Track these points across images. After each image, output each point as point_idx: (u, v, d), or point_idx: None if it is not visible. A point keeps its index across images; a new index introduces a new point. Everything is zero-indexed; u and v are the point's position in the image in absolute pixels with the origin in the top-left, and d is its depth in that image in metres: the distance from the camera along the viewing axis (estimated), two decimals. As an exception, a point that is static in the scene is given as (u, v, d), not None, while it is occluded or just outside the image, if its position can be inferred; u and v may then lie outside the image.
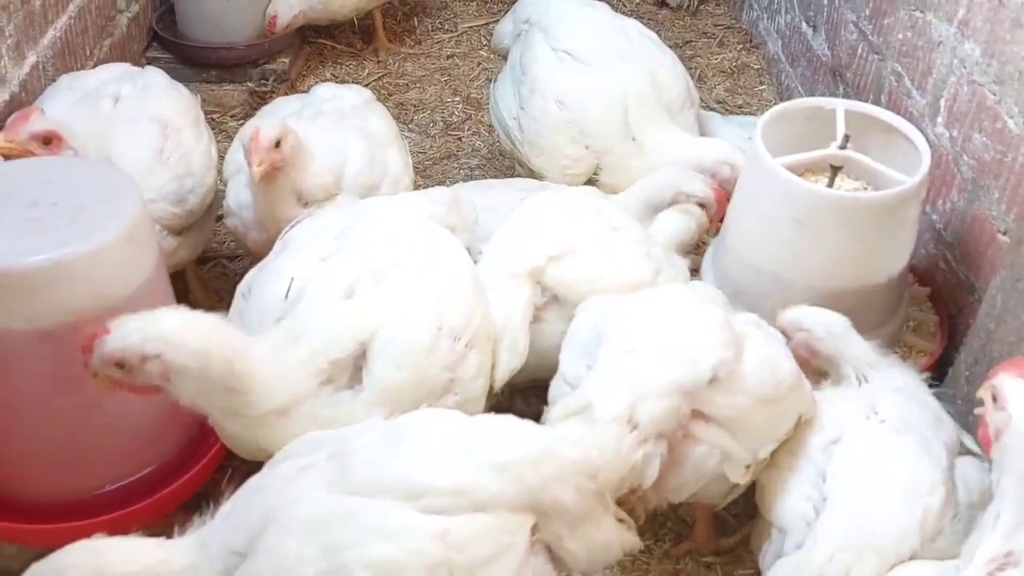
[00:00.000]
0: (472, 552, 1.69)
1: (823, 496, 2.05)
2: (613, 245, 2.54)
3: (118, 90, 2.79)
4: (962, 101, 2.69)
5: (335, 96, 3.04)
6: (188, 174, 2.73)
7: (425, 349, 2.12)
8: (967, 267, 2.69)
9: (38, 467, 2.17)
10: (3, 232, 2.02)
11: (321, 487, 1.74)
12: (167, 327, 1.91)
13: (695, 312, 2.18)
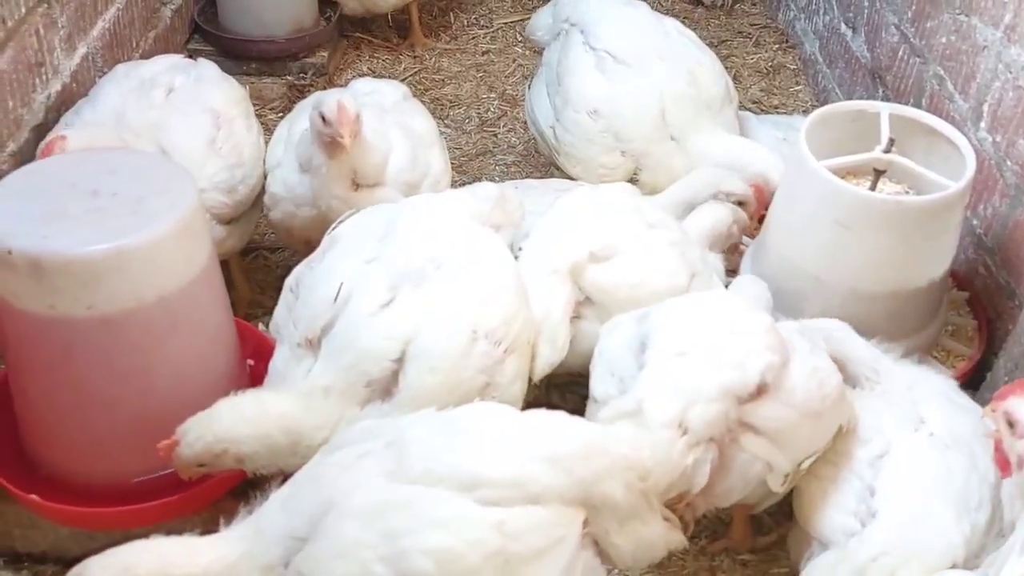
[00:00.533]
0: (527, 543, 1.72)
1: (871, 512, 2.05)
2: (648, 247, 2.54)
3: (172, 80, 2.83)
4: (1007, 106, 2.69)
5: (374, 91, 3.06)
6: (239, 164, 2.77)
7: (460, 353, 2.14)
8: (1008, 272, 2.70)
9: (96, 451, 2.21)
10: (66, 222, 2.06)
11: (378, 475, 1.78)
12: (224, 427, 2.05)
13: (743, 316, 2.20)
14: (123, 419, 2.18)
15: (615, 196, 2.71)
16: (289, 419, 2.10)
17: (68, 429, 2.21)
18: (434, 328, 2.15)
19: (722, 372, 2.04)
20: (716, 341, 2.11)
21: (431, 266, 2.24)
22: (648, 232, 2.58)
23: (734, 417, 2.03)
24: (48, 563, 2.41)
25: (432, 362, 2.11)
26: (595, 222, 2.58)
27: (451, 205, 2.47)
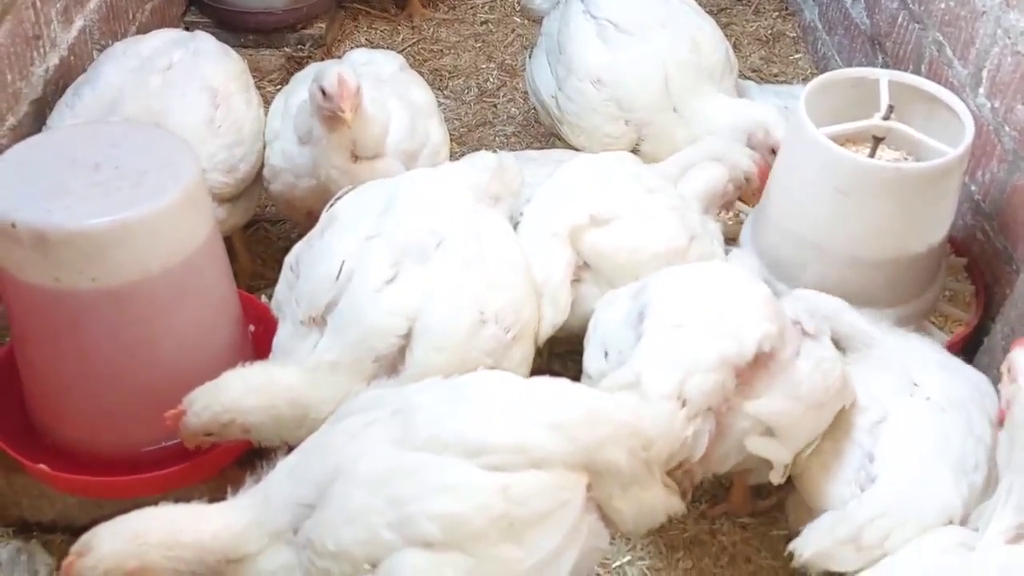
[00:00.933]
0: (532, 507, 1.75)
1: (871, 477, 2.08)
2: (648, 211, 2.56)
3: (169, 58, 2.80)
4: (1005, 72, 2.69)
5: (371, 61, 3.05)
6: (239, 142, 2.76)
7: (466, 333, 2.16)
8: (1005, 237, 2.72)
9: (102, 422, 2.24)
10: (69, 195, 2.07)
11: (384, 442, 1.81)
12: (232, 397, 2.07)
13: (740, 286, 2.22)
14: (129, 390, 2.20)
15: (614, 163, 2.73)
16: (295, 391, 2.12)
17: (74, 400, 2.23)
18: (440, 306, 2.17)
19: (719, 342, 2.05)
20: (713, 311, 2.13)
21: (431, 240, 2.24)
22: (647, 197, 2.59)
23: (731, 387, 2.05)
24: (56, 532, 2.45)
25: (438, 341, 2.13)
26: (594, 188, 2.59)
27: (450, 178, 2.46)
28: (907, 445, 2.12)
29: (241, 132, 2.77)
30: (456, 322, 2.16)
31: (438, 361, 2.12)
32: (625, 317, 2.23)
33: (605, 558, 2.43)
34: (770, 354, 2.08)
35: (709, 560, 2.43)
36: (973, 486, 2.04)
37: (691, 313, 2.13)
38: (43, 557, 2.39)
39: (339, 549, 1.73)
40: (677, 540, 2.47)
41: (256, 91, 3.01)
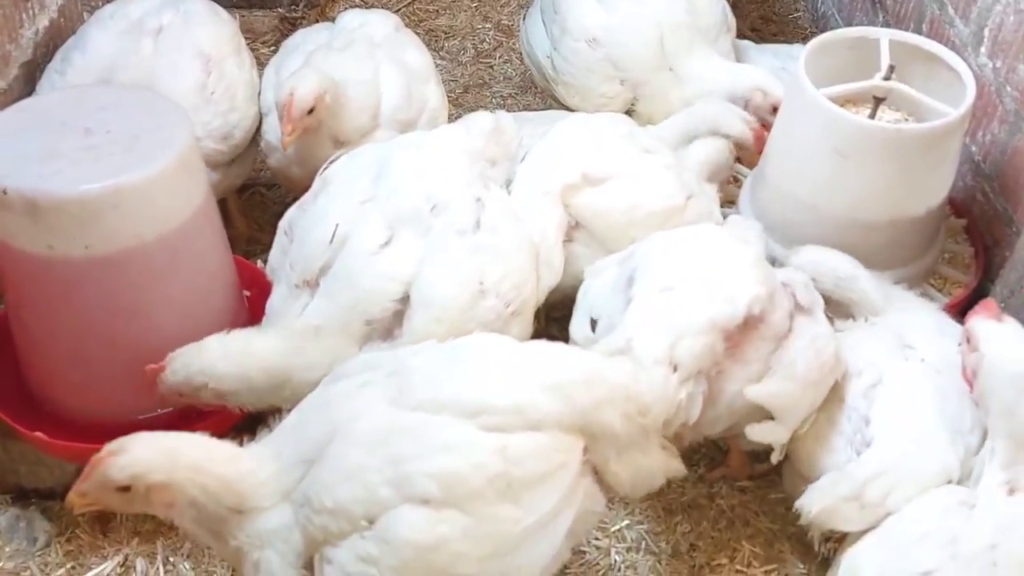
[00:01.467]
0: (529, 468, 1.75)
1: (867, 441, 2.09)
2: (644, 170, 2.53)
3: (159, 21, 2.75)
4: (1007, 31, 2.66)
5: (364, 23, 2.99)
6: (232, 109, 2.72)
7: (465, 304, 2.15)
8: (1005, 199, 2.70)
9: (98, 389, 2.24)
10: (60, 160, 2.05)
11: (381, 402, 1.81)
12: (206, 362, 2.09)
13: (729, 250, 2.21)
14: (124, 357, 2.19)
15: (608, 123, 2.70)
16: (272, 360, 2.12)
17: (70, 368, 2.23)
18: (440, 276, 2.16)
19: (709, 306, 2.05)
20: (702, 275, 2.12)
21: (426, 206, 2.22)
22: (642, 156, 2.57)
23: (720, 350, 2.05)
24: (55, 499, 2.45)
25: (438, 311, 2.13)
26: (588, 147, 2.57)
27: (444, 143, 2.43)
28: (903, 407, 2.12)
29: (235, 98, 2.74)
30: (456, 293, 2.15)
31: (436, 331, 2.11)
32: (614, 283, 2.22)
33: (603, 522, 2.44)
34: (760, 317, 2.08)
35: (707, 524, 2.44)
36: (969, 447, 2.05)
37: (680, 277, 2.13)
38: (42, 524, 2.40)
39: (336, 506, 1.74)
40: (675, 504, 2.48)
41: (248, 52, 2.96)
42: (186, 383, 2.10)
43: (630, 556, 2.37)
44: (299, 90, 2.50)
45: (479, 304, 2.16)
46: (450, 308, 2.13)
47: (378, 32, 2.95)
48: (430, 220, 2.21)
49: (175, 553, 2.37)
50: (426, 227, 2.21)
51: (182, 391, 2.11)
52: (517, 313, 2.22)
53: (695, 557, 2.37)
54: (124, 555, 2.36)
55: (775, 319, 2.11)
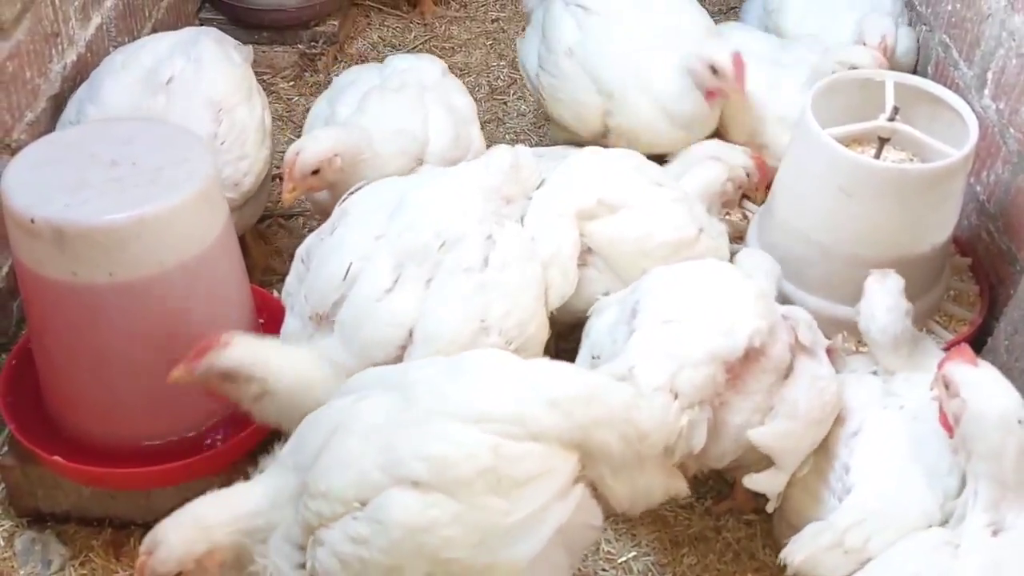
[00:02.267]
0: (520, 468, 1.78)
1: (847, 488, 2.12)
2: (656, 201, 2.58)
3: (171, 70, 2.76)
4: (1010, 74, 2.72)
5: (413, 67, 3.06)
6: (243, 156, 2.75)
7: (467, 341, 2.17)
8: (1009, 238, 2.74)
9: (117, 414, 2.28)
10: (88, 190, 2.11)
11: (384, 409, 1.85)
12: (275, 361, 2.12)
13: (731, 283, 2.25)
14: (144, 383, 2.24)
15: (623, 155, 2.75)
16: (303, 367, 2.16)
17: (90, 393, 2.28)
18: (442, 313, 2.19)
19: (710, 337, 2.09)
20: (704, 307, 2.16)
21: (435, 242, 2.26)
22: (654, 189, 2.61)
23: (721, 381, 2.08)
24: (70, 522, 2.49)
25: (439, 346, 2.16)
26: (602, 175, 2.61)
27: (462, 180, 2.47)
28: (880, 454, 2.15)
29: (245, 145, 2.76)
30: (458, 328, 2.19)
31: None
32: (615, 320, 2.27)
33: (610, 553, 2.46)
34: (760, 349, 2.12)
35: (714, 556, 2.46)
36: (947, 490, 2.06)
37: (682, 309, 2.17)
38: (56, 547, 2.44)
39: (329, 489, 1.77)
40: (682, 536, 2.50)
41: (260, 94, 2.98)
42: (246, 370, 2.09)
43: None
44: (305, 152, 2.57)
45: (480, 341, 2.19)
46: (451, 343, 2.16)
47: (428, 77, 3.03)
48: (437, 257, 2.25)
49: (188, 577, 2.40)
50: (433, 264, 2.25)
51: (234, 376, 2.10)
52: (521, 350, 2.23)
53: (682, 565, 2.39)
54: (137, 578, 2.39)
55: (776, 352, 2.15)
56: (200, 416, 2.35)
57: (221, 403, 2.34)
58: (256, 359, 2.09)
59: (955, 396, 1.99)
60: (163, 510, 2.40)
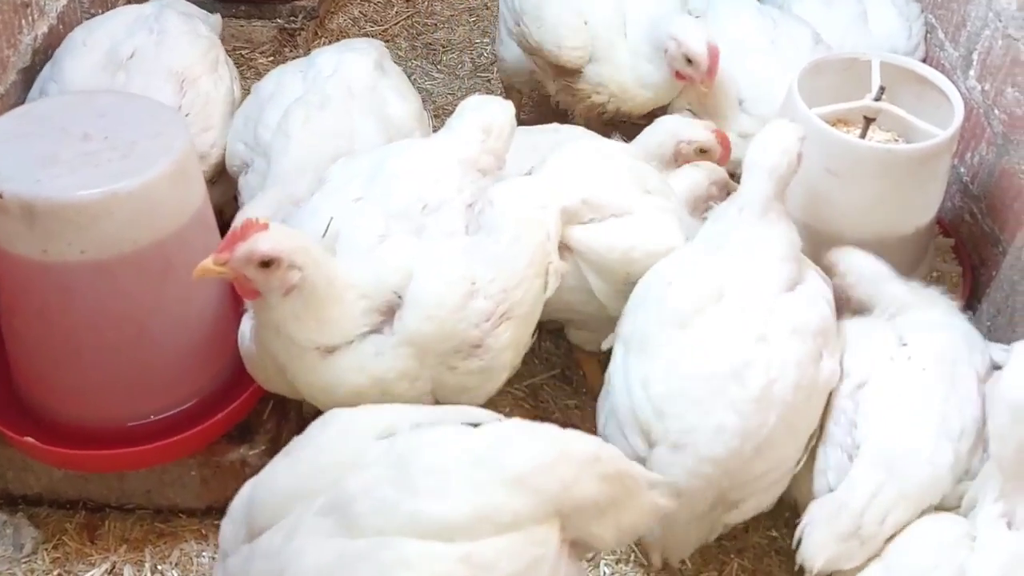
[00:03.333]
0: (500, 570, 1.62)
1: (856, 444, 2.09)
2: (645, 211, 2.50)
3: (132, 46, 2.70)
4: (996, 55, 2.70)
5: (338, 68, 2.77)
6: (207, 127, 2.69)
7: (455, 305, 2.13)
8: (992, 220, 2.73)
9: (90, 395, 2.23)
10: (59, 166, 2.05)
11: (323, 536, 1.64)
12: (315, 248, 2.05)
13: None
14: (118, 363, 2.19)
15: (617, 153, 2.69)
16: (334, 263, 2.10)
17: (62, 373, 2.22)
18: (432, 276, 2.15)
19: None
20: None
21: (417, 205, 2.22)
22: (643, 197, 2.54)
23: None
24: (43, 505, 2.45)
25: (430, 311, 2.12)
26: (592, 173, 2.55)
27: (439, 149, 2.40)
28: (888, 411, 2.11)
29: (210, 117, 2.70)
30: (446, 292, 2.14)
31: (428, 329, 2.11)
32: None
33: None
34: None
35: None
36: (959, 452, 2.04)
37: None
38: (29, 530, 2.40)
39: None
40: (663, 517, 2.48)
41: (229, 65, 2.90)
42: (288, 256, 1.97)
43: (619, 568, 2.38)
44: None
45: (469, 305, 2.16)
46: (440, 307, 2.12)
47: (356, 80, 2.78)
48: (421, 219, 2.22)
49: (163, 561, 2.37)
50: (418, 225, 2.22)
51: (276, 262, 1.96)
52: (507, 316, 2.20)
53: (684, 570, 2.38)
54: (112, 562, 2.36)
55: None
56: (175, 397, 2.30)
57: (194, 384, 2.31)
58: (297, 244, 1.99)
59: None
60: (138, 492, 2.41)
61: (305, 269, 2.00)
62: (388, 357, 2.10)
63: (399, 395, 2.12)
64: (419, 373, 2.14)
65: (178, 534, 2.42)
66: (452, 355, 2.15)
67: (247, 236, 1.97)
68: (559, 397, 2.75)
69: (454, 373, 2.18)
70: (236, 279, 2.02)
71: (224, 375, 2.38)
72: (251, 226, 1.98)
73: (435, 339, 2.12)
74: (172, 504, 2.44)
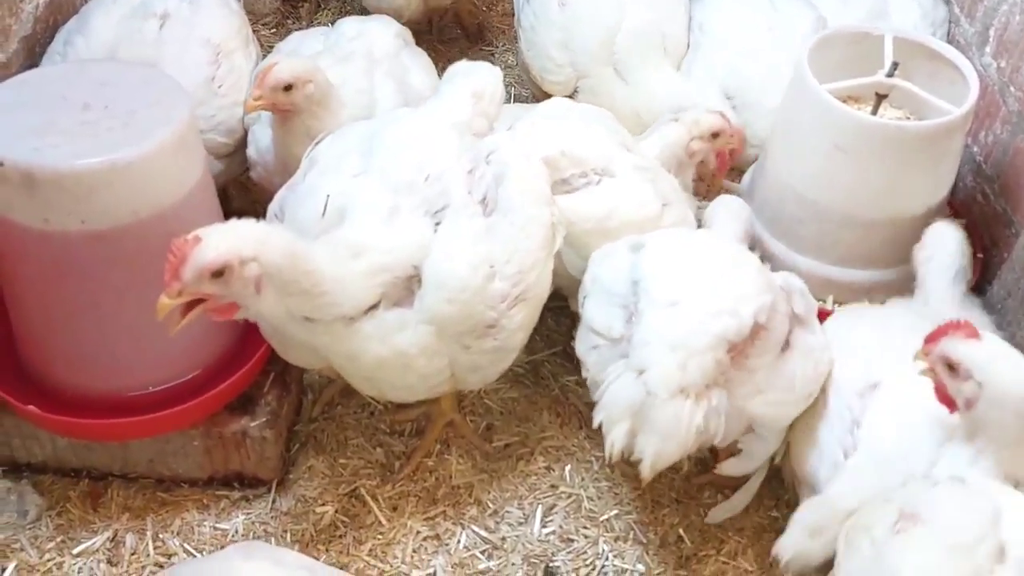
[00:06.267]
0: None
1: (855, 443, 2.06)
2: (622, 175, 2.46)
3: (165, 6, 2.70)
4: (1013, 31, 2.65)
5: (362, 34, 2.85)
6: (238, 103, 2.68)
7: (478, 287, 2.12)
8: (1005, 200, 2.69)
9: (92, 364, 2.23)
10: (58, 135, 2.04)
11: None
12: (257, 232, 1.91)
13: (732, 257, 2.19)
14: (119, 333, 2.19)
15: (597, 111, 2.67)
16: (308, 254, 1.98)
17: (64, 343, 2.23)
18: (454, 257, 2.12)
19: (717, 320, 2.02)
20: (708, 286, 2.09)
21: (419, 176, 2.18)
22: (621, 154, 2.51)
23: (727, 362, 2.03)
24: (48, 472, 2.47)
25: (451, 293, 2.10)
26: (572, 127, 2.53)
27: (433, 117, 2.37)
28: (894, 421, 2.06)
29: (241, 92, 2.68)
30: (469, 275, 2.11)
31: (450, 311, 2.10)
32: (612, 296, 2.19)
33: (592, 511, 2.45)
34: (763, 325, 2.07)
35: (695, 516, 2.44)
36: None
37: (686, 289, 2.09)
38: (33, 498, 2.41)
39: None
40: (664, 496, 2.48)
41: (256, 43, 2.91)
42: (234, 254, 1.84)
43: (618, 545, 2.38)
44: (282, 64, 2.45)
45: (488, 287, 2.14)
46: (463, 290, 2.10)
47: (378, 46, 2.83)
48: (425, 191, 2.18)
49: (165, 529, 2.38)
50: (424, 197, 2.19)
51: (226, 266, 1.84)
52: (522, 299, 2.19)
53: (682, 548, 2.38)
54: (114, 530, 2.37)
55: (776, 325, 2.10)
56: (176, 368, 2.30)
57: (195, 355, 2.31)
58: (237, 237, 1.85)
59: (967, 379, 1.86)
60: (141, 461, 2.42)
61: (259, 256, 1.87)
62: (410, 333, 2.10)
63: (418, 368, 2.14)
64: (438, 349, 2.14)
65: (180, 503, 2.43)
66: (468, 335, 2.15)
67: (186, 257, 1.82)
68: (560, 374, 2.74)
69: (468, 352, 2.17)
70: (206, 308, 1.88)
71: (225, 347, 2.38)
72: (182, 246, 1.83)
73: (456, 320, 2.11)
74: (175, 474, 2.45)
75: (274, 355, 2.35)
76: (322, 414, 2.64)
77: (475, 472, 2.53)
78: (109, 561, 2.31)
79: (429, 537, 2.39)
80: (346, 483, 2.49)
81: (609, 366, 2.09)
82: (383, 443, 2.59)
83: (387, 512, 2.43)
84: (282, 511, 2.43)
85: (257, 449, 2.39)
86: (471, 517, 2.43)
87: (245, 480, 2.46)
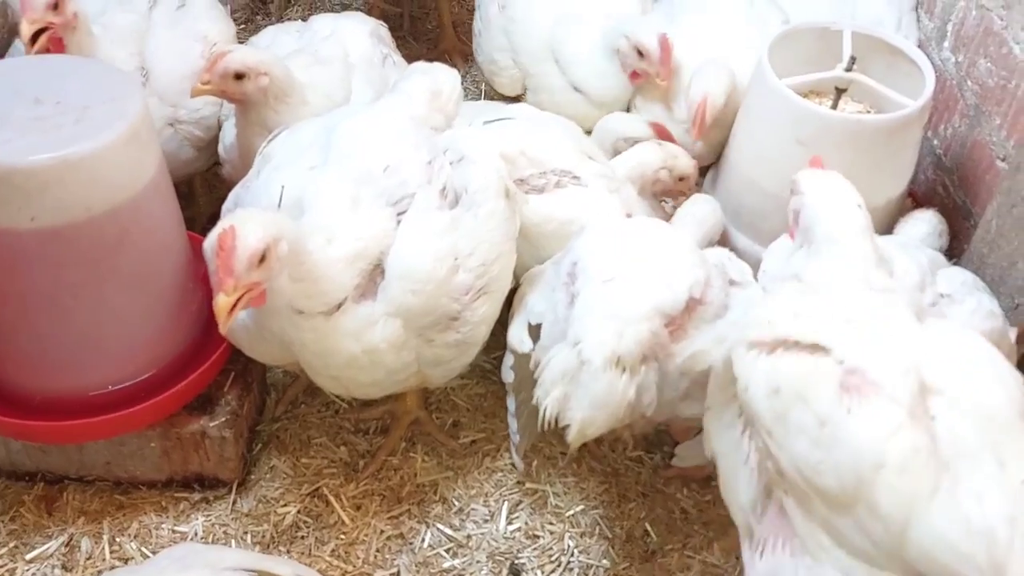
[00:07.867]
0: None
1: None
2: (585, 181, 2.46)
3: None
4: (969, 26, 2.67)
5: (336, 34, 2.84)
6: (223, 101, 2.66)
7: (443, 279, 2.11)
8: (964, 192, 2.72)
9: (46, 365, 2.18)
10: (8, 130, 1.99)
11: None
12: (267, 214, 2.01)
13: (665, 237, 2.21)
14: (73, 333, 2.14)
15: (562, 120, 2.67)
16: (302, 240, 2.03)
17: (17, 343, 2.18)
18: (417, 248, 2.11)
19: (652, 293, 2.04)
20: (643, 263, 2.11)
21: (378, 166, 2.17)
22: (583, 162, 2.50)
23: (664, 335, 2.04)
24: (1, 477, 2.42)
25: (415, 285, 2.09)
26: (533, 129, 2.53)
27: (390, 110, 2.37)
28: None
29: None
30: (433, 267, 2.11)
31: (413, 303, 2.10)
32: (553, 281, 2.20)
33: (558, 507, 2.44)
34: (699, 299, 2.09)
35: (662, 510, 2.44)
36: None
37: (621, 266, 2.10)
38: (-12, 502, 2.37)
39: None
40: (631, 490, 2.47)
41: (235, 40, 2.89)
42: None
43: (584, 541, 2.37)
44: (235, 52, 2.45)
45: (452, 279, 2.13)
46: (428, 282, 2.10)
47: (353, 46, 2.83)
48: (384, 181, 2.17)
49: (122, 533, 2.34)
50: (383, 187, 2.17)
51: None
52: (486, 292, 2.19)
53: (648, 542, 2.37)
54: (69, 534, 2.33)
55: (713, 297, 2.12)
56: (133, 368, 2.25)
57: (152, 354, 2.27)
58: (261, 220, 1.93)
59: (799, 193, 1.98)
60: (97, 464, 2.38)
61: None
62: (379, 327, 2.09)
63: (387, 364, 2.14)
64: (406, 342, 2.13)
65: (138, 506, 2.39)
66: (431, 328, 2.14)
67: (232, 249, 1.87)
68: (527, 370, 2.73)
69: (431, 346, 2.17)
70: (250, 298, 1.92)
71: (183, 346, 2.34)
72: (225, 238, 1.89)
73: (419, 312, 2.11)
74: (132, 476, 2.41)
75: (235, 353, 2.33)
76: (285, 413, 2.62)
77: (440, 470, 2.51)
78: (64, 566, 2.27)
79: (393, 536, 2.37)
80: (309, 483, 2.46)
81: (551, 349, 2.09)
82: (347, 442, 2.56)
83: (350, 512, 2.41)
84: (243, 512, 2.40)
85: (217, 450, 2.36)
86: (436, 515, 2.41)
87: (205, 481, 2.42)
